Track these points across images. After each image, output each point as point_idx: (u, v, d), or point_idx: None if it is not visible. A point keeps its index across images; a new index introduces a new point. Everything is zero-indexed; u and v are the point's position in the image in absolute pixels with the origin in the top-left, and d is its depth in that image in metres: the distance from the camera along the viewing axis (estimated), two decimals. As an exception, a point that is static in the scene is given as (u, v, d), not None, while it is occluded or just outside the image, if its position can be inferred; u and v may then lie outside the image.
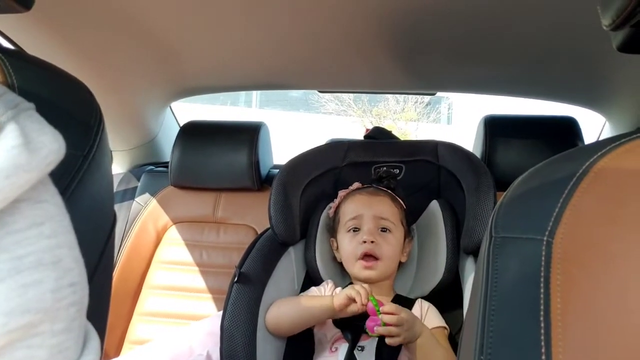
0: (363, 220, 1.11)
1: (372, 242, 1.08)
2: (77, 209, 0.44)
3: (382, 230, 1.11)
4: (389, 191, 1.17)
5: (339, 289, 1.12)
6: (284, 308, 1.06)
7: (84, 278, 0.41)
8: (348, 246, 1.12)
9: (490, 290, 0.43)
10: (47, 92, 0.51)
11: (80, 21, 1.24)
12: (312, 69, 1.58)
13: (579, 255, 0.41)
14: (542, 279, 0.41)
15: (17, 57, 0.52)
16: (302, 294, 1.14)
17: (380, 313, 0.93)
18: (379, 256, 1.08)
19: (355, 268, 1.10)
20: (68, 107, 0.52)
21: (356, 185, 1.20)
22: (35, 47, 1.31)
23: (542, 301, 0.40)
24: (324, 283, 1.15)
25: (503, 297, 0.42)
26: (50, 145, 0.38)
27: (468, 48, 1.35)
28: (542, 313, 0.39)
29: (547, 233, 0.43)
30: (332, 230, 1.20)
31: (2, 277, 0.35)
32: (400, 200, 1.17)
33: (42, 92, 0.50)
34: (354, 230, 1.12)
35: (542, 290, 0.40)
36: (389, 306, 0.95)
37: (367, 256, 1.09)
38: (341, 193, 1.20)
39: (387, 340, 0.93)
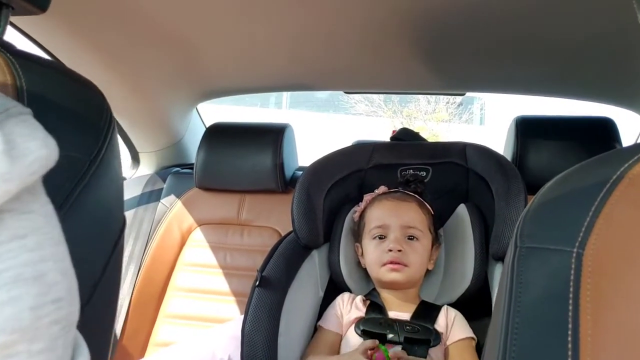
0: (390, 229, 1.08)
1: (399, 250, 1.05)
2: (82, 214, 0.43)
3: (409, 238, 1.07)
4: (417, 196, 1.14)
5: (359, 297, 1.10)
6: None
7: (74, 292, 0.39)
8: (373, 253, 1.09)
9: (514, 305, 0.40)
10: (55, 94, 0.50)
11: (106, 26, 1.26)
12: (337, 69, 1.57)
13: (612, 268, 0.38)
14: (570, 294, 0.38)
15: (27, 59, 0.52)
16: (324, 315, 1.11)
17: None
18: (406, 264, 1.05)
19: (381, 272, 1.07)
20: (76, 109, 0.51)
21: (382, 189, 1.17)
22: (62, 51, 1.33)
23: (570, 319, 0.37)
24: (339, 298, 1.12)
25: (528, 313, 0.39)
26: (38, 152, 0.36)
27: (498, 47, 1.32)
28: (570, 332, 0.36)
29: (577, 244, 0.40)
30: (357, 235, 1.17)
31: None
32: (428, 206, 1.14)
33: (51, 94, 0.49)
34: (379, 238, 1.09)
35: (570, 307, 0.37)
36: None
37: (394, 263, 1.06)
38: (367, 197, 1.17)
39: None
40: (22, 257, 0.35)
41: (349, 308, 1.09)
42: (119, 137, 1.77)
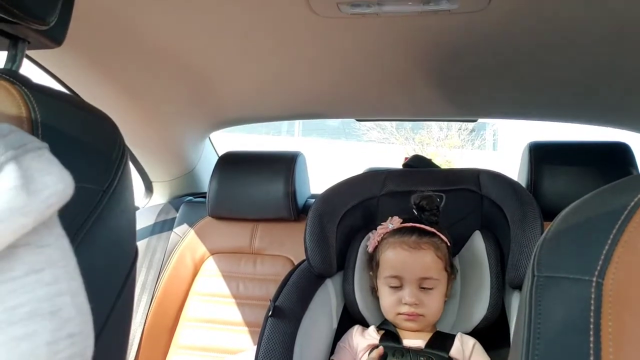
0: (404, 281, 1.05)
1: (415, 303, 1.03)
2: (95, 245, 0.43)
3: (424, 288, 1.05)
4: (433, 233, 1.09)
5: (371, 327, 1.08)
6: None
7: (88, 327, 0.39)
8: (387, 299, 1.07)
9: (533, 338, 0.38)
10: (69, 126, 0.51)
11: (122, 58, 1.28)
12: (348, 97, 1.57)
13: (634, 298, 0.37)
14: (591, 326, 0.36)
15: (42, 92, 0.52)
16: (336, 349, 1.09)
17: None
18: (424, 314, 1.04)
19: (397, 319, 1.06)
20: (90, 141, 0.51)
21: (396, 222, 1.12)
22: (79, 83, 1.35)
23: (591, 351, 0.35)
24: (349, 331, 1.10)
25: (547, 345, 0.38)
26: (54, 187, 0.36)
27: (510, 73, 1.32)
28: (592, 365, 0.35)
29: (596, 273, 0.38)
30: (370, 265, 1.15)
31: None
32: (445, 241, 1.09)
33: (65, 127, 0.50)
34: (394, 287, 1.06)
35: (591, 339, 0.36)
36: None
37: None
38: (380, 230, 1.13)
39: None
40: (39, 292, 0.35)
41: (361, 338, 1.07)
42: (132, 166, 1.79)
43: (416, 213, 1.12)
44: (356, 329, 1.09)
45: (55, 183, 0.36)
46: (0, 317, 0.33)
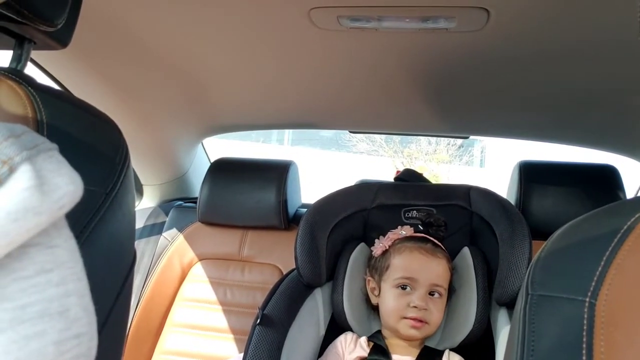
0: (417, 284, 1.05)
1: (424, 308, 1.04)
2: (96, 248, 0.43)
3: (430, 294, 1.06)
4: (444, 249, 1.11)
5: (363, 338, 1.08)
6: None
7: (93, 328, 0.40)
8: (394, 302, 1.06)
9: (527, 356, 0.39)
10: (74, 128, 0.51)
11: (118, 60, 1.28)
12: (343, 109, 1.58)
13: (625, 319, 0.38)
14: (584, 344, 0.37)
15: (48, 93, 0.53)
16: (325, 354, 1.09)
17: None
18: (429, 322, 1.04)
19: (400, 324, 1.05)
20: (94, 143, 0.52)
21: (408, 231, 1.14)
22: (75, 84, 1.35)
23: (584, 369, 0.36)
24: (341, 337, 1.10)
25: (541, 362, 0.38)
26: (66, 188, 0.37)
27: (503, 93, 1.33)
28: (584, 384, 0.36)
29: (589, 294, 0.39)
30: (373, 269, 1.14)
31: (3, 327, 0.33)
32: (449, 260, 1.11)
33: (70, 128, 0.50)
34: (402, 288, 1.07)
35: (584, 358, 0.37)
36: None
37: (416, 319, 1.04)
38: (392, 236, 1.14)
39: None
40: (48, 292, 0.36)
41: (352, 347, 1.07)
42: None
43: (422, 229, 1.14)
44: (349, 336, 1.09)
45: (67, 184, 0.37)
46: (11, 315, 0.34)
